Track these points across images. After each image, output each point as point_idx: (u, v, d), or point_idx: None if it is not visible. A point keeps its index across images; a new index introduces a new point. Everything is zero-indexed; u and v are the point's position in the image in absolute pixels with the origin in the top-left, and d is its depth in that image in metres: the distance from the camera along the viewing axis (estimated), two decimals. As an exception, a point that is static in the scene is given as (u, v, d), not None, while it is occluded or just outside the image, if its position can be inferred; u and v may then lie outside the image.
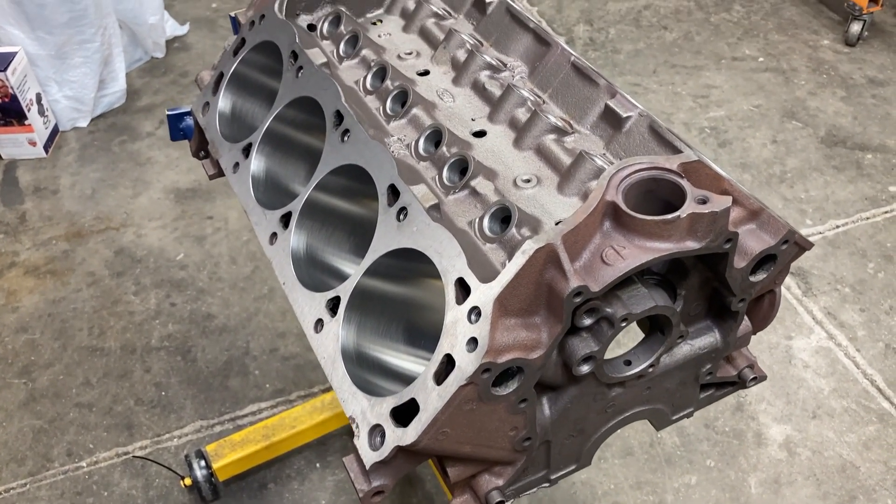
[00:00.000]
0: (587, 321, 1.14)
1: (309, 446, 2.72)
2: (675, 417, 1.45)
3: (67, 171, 3.92)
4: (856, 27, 4.51)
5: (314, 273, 1.43)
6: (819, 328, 3.10)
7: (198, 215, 3.64)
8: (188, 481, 2.50)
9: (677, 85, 4.36)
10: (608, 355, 1.23)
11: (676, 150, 1.28)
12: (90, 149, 4.05)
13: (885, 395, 2.87)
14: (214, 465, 2.47)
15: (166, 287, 3.32)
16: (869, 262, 3.34)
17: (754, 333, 1.41)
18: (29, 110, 3.86)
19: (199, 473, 2.48)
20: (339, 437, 2.74)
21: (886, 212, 3.58)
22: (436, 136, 1.45)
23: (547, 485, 1.38)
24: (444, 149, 1.42)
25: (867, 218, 3.55)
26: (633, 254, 1.09)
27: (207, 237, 3.53)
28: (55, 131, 4.10)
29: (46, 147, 4.00)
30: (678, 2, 5.03)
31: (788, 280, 3.27)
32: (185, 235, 3.55)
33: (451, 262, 1.16)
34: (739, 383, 1.47)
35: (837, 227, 3.52)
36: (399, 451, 1.14)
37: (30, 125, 3.88)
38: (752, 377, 1.45)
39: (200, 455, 2.51)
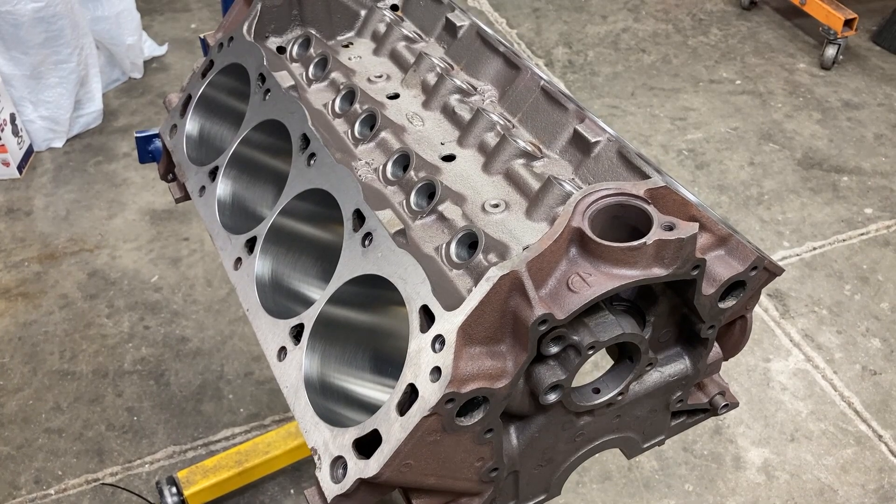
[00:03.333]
0: (554, 349, 1.12)
1: (283, 472, 2.68)
2: (646, 445, 1.43)
3: (41, 192, 3.87)
4: (831, 51, 4.56)
5: (279, 299, 1.40)
6: (797, 350, 3.10)
7: (173, 237, 3.60)
8: (158, 509, 2.45)
9: (655, 107, 4.38)
10: (576, 383, 1.21)
11: (645, 176, 1.26)
12: (65, 169, 4.01)
13: (862, 417, 2.86)
14: (186, 492, 2.43)
15: (140, 310, 3.27)
16: (846, 285, 3.35)
17: (725, 360, 1.40)
18: (2, 130, 3.81)
19: (171, 501, 2.44)
20: (314, 464, 2.70)
21: (862, 234, 3.60)
22: (404, 161, 1.43)
23: (516, 515, 1.36)
24: (412, 173, 1.40)
25: (843, 240, 3.57)
26: (599, 281, 1.07)
27: (183, 259, 3.49)
28: (29, 152, 4.06)
29: (20, 168, 3.95)
30: (656, 25, 5.07)
31: (766, 302, 3.27)
32: (160, 257, 3.51)
33: (416, 289, 1.14)
34: (711, 410, 1.45)
35: (814, 249, 3.53)
36: (361, 483, 1.11)
37: (3, 145, 3.83)
38: (723, 404, 1.43)
39: (172, 482, 2.46)
